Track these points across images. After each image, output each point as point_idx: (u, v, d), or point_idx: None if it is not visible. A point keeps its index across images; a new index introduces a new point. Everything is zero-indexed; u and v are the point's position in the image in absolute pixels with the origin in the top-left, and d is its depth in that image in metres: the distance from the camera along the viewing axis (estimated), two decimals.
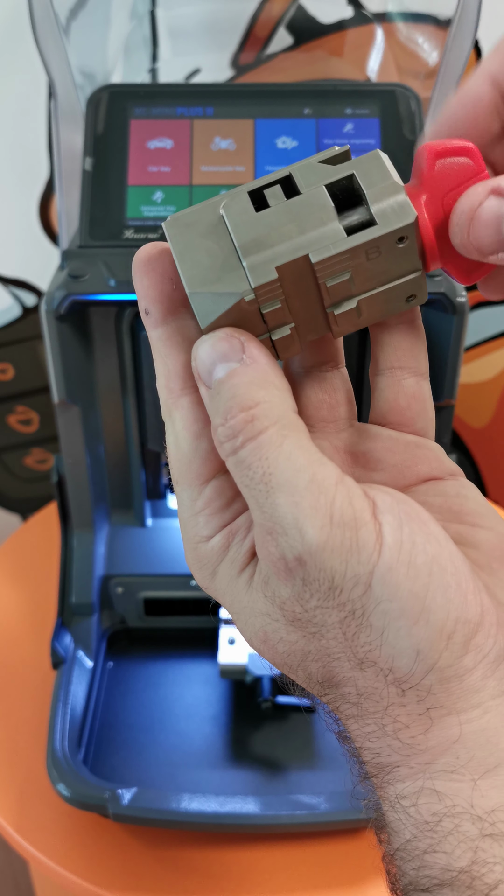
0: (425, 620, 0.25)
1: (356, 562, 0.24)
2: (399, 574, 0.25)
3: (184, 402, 0.28)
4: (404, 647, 0.25)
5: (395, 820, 0.26)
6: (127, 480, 0.75)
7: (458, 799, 0.25)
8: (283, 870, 0.59)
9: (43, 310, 0.60)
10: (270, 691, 0.66)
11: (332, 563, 0.24)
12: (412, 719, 0.26)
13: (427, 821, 0.25)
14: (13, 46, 0.80)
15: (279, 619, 0.26)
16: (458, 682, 0.25)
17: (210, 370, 0.26)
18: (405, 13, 0.74)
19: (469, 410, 1.03)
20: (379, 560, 0.25)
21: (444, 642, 0.25)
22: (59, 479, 0.71)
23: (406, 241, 0.27)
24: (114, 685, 0.73)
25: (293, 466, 0.25)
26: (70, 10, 0.65)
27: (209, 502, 0.28)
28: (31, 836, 0.61)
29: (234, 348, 0.26)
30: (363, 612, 0.25)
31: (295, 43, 0.81)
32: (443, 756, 0.25)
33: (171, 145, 0.63)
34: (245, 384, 0.26)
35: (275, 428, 0.25)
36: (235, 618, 0.28)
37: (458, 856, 0.24)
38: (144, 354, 0.65)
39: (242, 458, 0.25)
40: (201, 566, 0.28)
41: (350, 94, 0.64)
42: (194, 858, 0.60)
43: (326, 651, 0.26)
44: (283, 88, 0.65)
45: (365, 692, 0.26)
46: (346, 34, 0.79)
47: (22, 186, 0.88)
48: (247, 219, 0.27)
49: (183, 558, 0.79)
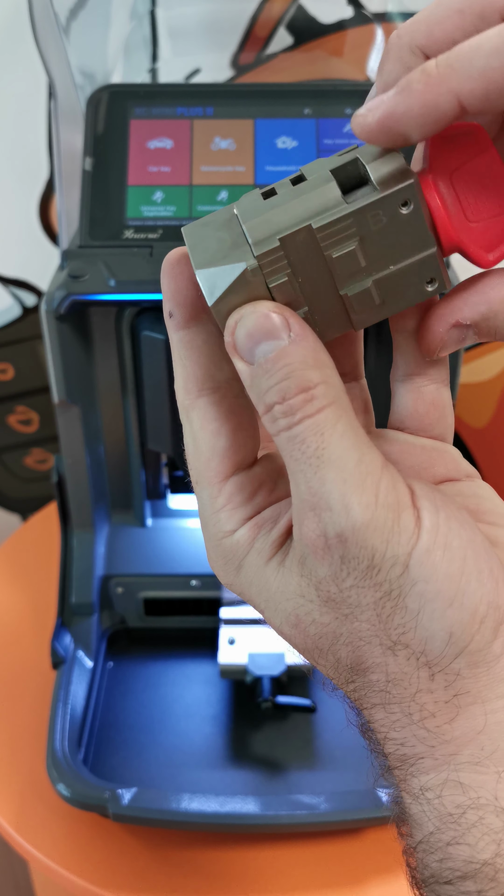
0: (459, 603, 0.25)
1: (396, 542, 0.25)
2: (436, 556, 0.25)
3: (201, 402, 0.28)
4: (437, 629, 0.25)
5: (418, 812, 0.26)
6: (127, 480, 0.75)
7: (482, 791, 0.25)
8: (282, 870, 0.59)
9: (43, 310, 0.60)
10: (270, 691, 0.66)
11: (373, 542, 0.25)
12: (439, 707, 0.26)
13: (451, 813, 0.25)
14: (13, 46, 0.80)
15: (314, 600, 0.27)
16: (486, 669, 0.25)
17: (252, 347, 0.26)
18: (405, 13, 0.74)
19: (469, 410, 1.03)
20: (418, 542, 0.25)
21: (476, 625, 0.25)
22: (59, 479, 0.71)
23: (410, 206, 0.26)
24: (114, 685, 0.73)
25: (345, 445, 0.25)
26: (70, 10, 0.65)
27: (230, 498, 0.28)
28: (31, 836, 0.61)
29: (280, 325, 0.26)
30: (400, 592, 0.25)
31: (295, 43, 0.81)
32: (467, 747, 0.25)
33: (171, 145, 0.63)
34: (299, 363, 0.25)
35: (332, 407, 0.25)
36: (263, 606, 0.28)
37: (481, 848, 0.24)
38: (144, 354, 0.65)
39: (297, 434, 0.25)
40: (226, 561, 0.29)
41: (350, 94, 0.64)
42: (194, 858, 0.60)
43: (358, 634, 0.26)
44: (283, 88, 0.65)
45: (394, 677, 0.26)
46: (346, 34, 0.79)
47: (22, 186, 0.88)
48: (255, 205, 0.27)
49: (183, 558, 0.80)
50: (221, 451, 0.28)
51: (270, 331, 0.26)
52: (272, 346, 0.26)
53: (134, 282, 0.58)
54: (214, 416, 0.28)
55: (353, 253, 0.27)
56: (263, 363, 0.26)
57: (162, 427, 0.69)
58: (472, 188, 0.27)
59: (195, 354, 0.28)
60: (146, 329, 0.64)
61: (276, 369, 0.25)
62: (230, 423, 0.28)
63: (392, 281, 0.28)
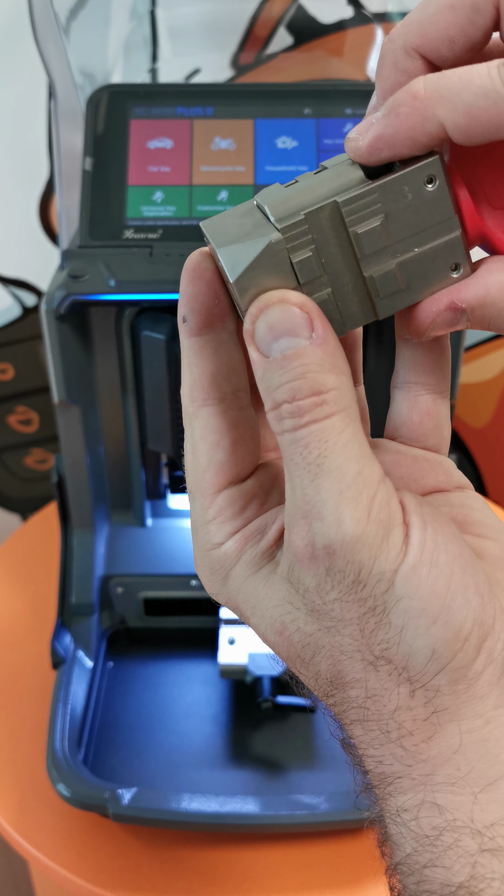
0: (444, 620, 0.25)
1: (384, 559, 0.25)
2: (421, 573, 0.25)
3: (204, 412, 0.28)
4: (421, 645, 0.25)
5: (396, 833, 0.26)
6: (127, 480, 0.75)
7: (458, 813, 0.25)
8: (283, 870, 0.59)
9: (43, 310, 0.60)
10: (270, 691, 0.66)
11: (360, 557, 0.25)
12: (417, 725, 0.26)
13: (427, 835, 0.25)
14: (13, 46, 0.80)
15: (300, 608, 0.26)
16: (467, 686, 0.25)
17: (271, 340, 0.25)
18: (405, 13, 0.74)
19: (469, 410, 1.03)
20: (405, 559, 0.25)
21: (460, 643, 0.25)
22: (59, 479, 0.71)
23: (435, 184, 0.26)
24: (114, 685, 0.73)
25: (346, 455, 0.25)
26: (70, 10, 0.65)
27: (221, 511, 0.28)
28: (31, 836, 0.61)
29: (303, 323, 0.25)
30: (384, 608, 0.25)
31: (295, 43, 0.81)
32: (444, 767, 0.25)
33: (171, 145, 0.63)
34: (316, 366, 0.25)
35: (340, 415, 0.25)
36: (249, 613, 0.28)
37: (457, 871, 0.24)
38: (144, 354, 0.65)
39: (301, 437, 0.25)
40: (213, 571, 0.29)
41: (350, 94, 0.64)
42: (194, 858, 0.60)
43: (340, 647, 0.26)
44: (283, 88, 0.65)
45: (374, 693, 0.26)
46: (346, 34, 0.79)
47: (22, 186, 0.88)
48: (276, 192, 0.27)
49: (183, 558, 0.80)
50: (217, 464, 0.28)
51: (293, 328, 0.25)
52: (292, 344, 0.25)
53: (134, 282, 0.58)
54: (215, 427, 0.28)
55: (377, 230, 0.26)
56: (280, 359, 0.25)
57: (162, 427, 0.69)
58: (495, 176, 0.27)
59: (204, 363, 0.28)
60: (146, 329, 0.64)
61: (291, 367, 0.25)
62: (230, 436, 0.28)
63: (417, 264, 0.27)
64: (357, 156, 0.26)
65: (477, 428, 1.04)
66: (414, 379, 0.31)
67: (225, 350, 0.28)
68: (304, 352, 0.25)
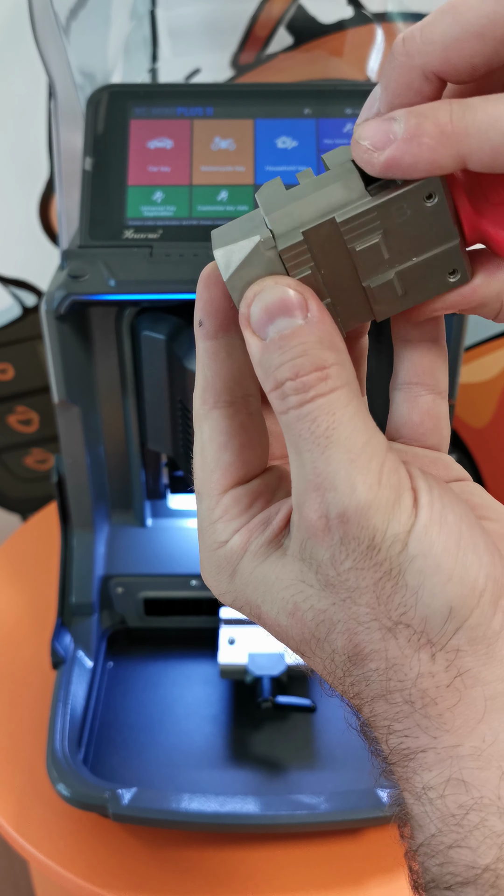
0: (459, 577, 0.25)
1: (397, 521, 0.25)
2: (433, 532, 0.25)
3: (214, 414, 0.29)
4: (438, 604, 0.25)
5: (420, 813, 0.26)
6: (127, 480, 0.75)
7: (485, 790, 0.24)
8: (283, 870, 0.59)
9: (43, 310, 0.60)
10: (270, 691, 0.66)
11: (375, 521, 0.25)
12: (440, 692, 0.26)
13: (453, 814, 0.25)
14: (13, 46, 0.80)
15: (314, 584, 0.27)
16: (486, 646, 0.25)
17: (267, 322, 0.26)
18: (405, 13, 0.74)
19: (469, 410, 1.03)
20: (416, 519, 0.25)
21: (475, 599, 0.25)
22: (59, 479, 0.71)
23: (434, 199, 0.26)
24: (114, 685, 0.73)
25: (354, 426, 0.25)
26: (70, 10, 0.65)
27: (227, 510, 0.29)
28: (31, 836, 0.61)
29: (298, 303, 0.26)
30: (399, 570, 0.25)
31: (295, 43, 0.81)
32: (469, 738, 0.25)
33: (171, 145, 0.63)
34: (315, 343, 0.25)
35: (344, 389, 0.26)
36: (260, 601, 0.28)
37: (482, 852, 0.24)
38: (144, 354, 0.65)
39: (308, 412, 0.25)
40: (220, 570, 0.29)
41: (350, 94, 0.64)
42: (194, 858, 0.60)
43: (356, 619, 0.26)
44: (283, 88, 0.65)
45: (394, 662, 0.26)
46: (346, 34, 0.79)
47: (22, 186, 0.88)
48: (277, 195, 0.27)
49: (183, 558, 0.80)
50: (225, 465, 0.29)
51: (288, 307, 0.26)
52: (288, 324, 0.26)
53: (134, 282, 0.58)
54: (225, 429, 0.28)
55: (376, 246, 0.27)
56: (277, 339, 0.26)
57: (162, 427, 0.69)
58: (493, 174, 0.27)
59: (217, 366, 0.28)
60: (146, 329, 0.64)
61: (290, 346, 0.25)
62: (239, 438, 0.29)
63: (415, 272, 0.28)
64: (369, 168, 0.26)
65: (477, 428, 1.04)
66: (413, 380, 0.31)
67: (238, 354, 0.28)
68: (302, 330, 0.25)
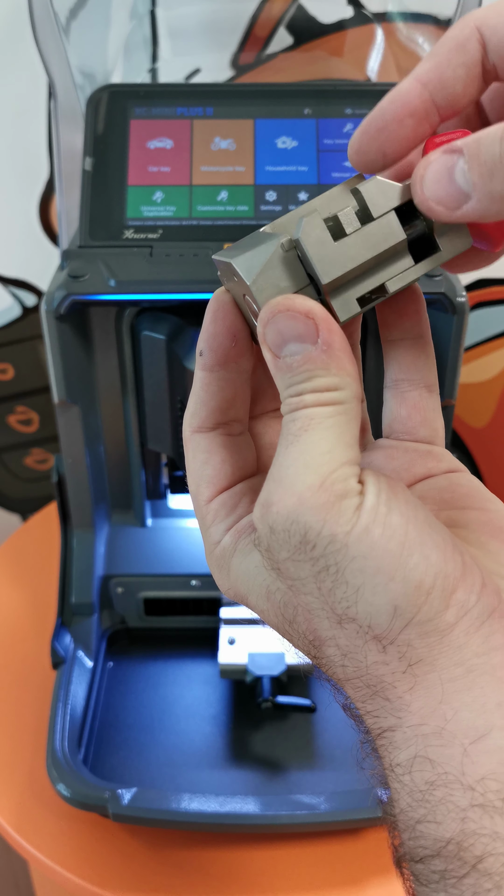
0: (402, 576, 0.26)
1: (334, 522, 0.26)
2: (374, 533, 0.26)
3: (197, 436, 0.31)
4: (382, 603, 0.26)
5: (393, 789, 0.27)
6: (127, 480, 0.75)
7: (448, 766, 0.25)
8: (282, 870, 0.59)
9: (43, 310, 0.60)
10: (270, 691, 0.66)
11: (305, 519, 0.26)
12: (396, 677, 0.26)
13: (421, 789, 0.25)
14: (13, 46, 0.80)
15: (270, 569, 0.28)
16: (439, 638, 0.26)
17: (280, 345, 0.27)
18: (405, 13, 0.74)
19: (469, 410, 1.03)
20: (357, 522, 0.26)
21: (422, 597, 0.26)
22: (59, 479, 0.71)
23: None
24: (114, 685, 0.73)
25: (324, 436, 0.27)
26: (70, 10, 0.65)
27: (216, 514, 0.31)
28: (31, 836, 0.61)
29: (309, 330, 0.27)
30: (338, 568, 0.26)
31: (295, 43, 0.81)
32: (432, 718, 0.26)
33: (171, 145, 0.63)
34: (322, 370, 0.27)
35: (335, 406, 0.27)
36: (246, 591, 0.30)
37: (447, 826, 0.25)
38: (144, 354, 0.65)
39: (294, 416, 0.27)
40: (219, 567, 0.31)
41: (350, 94, 0.64)
42: (194, 858, 0.60)
43: (307, 606, 0.27)
44: (283, 88, 0.65)
45: (347, 651, 0.27)
46: (346, 34, 0.79)
47: (22, 186, 0.88)
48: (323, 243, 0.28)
49: (183, 558, 0.80)
50: (207, 479, 0.31)
51: (300, 335, 0.27)
52: (300, 349, 0.27)
53: (134, 282, 0.58)
54: (205, 448, 0.31)
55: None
56: (289, 362, 0.27)
57: (162, 427, 0.69)
58: None
59: (208, 396, 0.30)
60: (146, 329, 0.64)
61: (299, 370, 0.27)
62: (219, 455, 0.31)
63: None
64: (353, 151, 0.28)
65: (477, 428, 1.04)
66: (400, 376, 0.33)
67: (230, 387, 0.31)
68: (311, 357, 0.27)
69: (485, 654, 0.26)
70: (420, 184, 0.27)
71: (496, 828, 0.24)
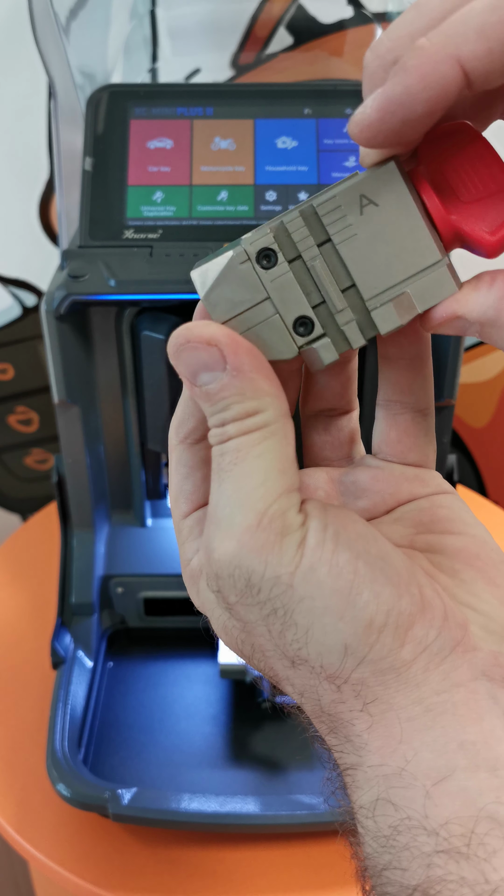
0: (351, 616, 0.25)
1: (277, 563, 0.25)
2: (321, 573, 0.25)
3: (181, 448, 0.30)
4: (332, 643, 0.25)
5: (360, 833, 0.26)
6: (127, 480, 0.75)
7: (411, 810, 0.24)
8: (283, 870, 0.59)
9: (43, 310, 0.60)
10: (270, 691, 0.66)
11: (249, 563, 0.25)
12: (354, 715, 0.26)
13: (384, 835, 0.25)
14: (13, 46, 0.80)
15: (224, 608, 0.28)
16: (396, 675, 0.25)
17: (193, 375, 0.27)
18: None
19: (469, 410, 1.03)
20: (301, 561, 0.25)
21: (374, 635, 0.25)
22: (59, 479, 0.71)
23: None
24: (114, 685, 0.73)
25: (255, 466, 0.26)
26: (70, 10, 0.65)
27: (190, 531, 0.30)
28: (31, 836, 0.61)
29: (215, 358, 0.26)
30: (285, 610, 0.25)
31: (295, 43, 0.81)
32: (392, 758, 0.25)
33: (171, 145, 0.63)
34: (237, 396, 0.26)
35: (259, 431, 0.26)
36: (210, 618, 0.30)
37: (412, 873, 0.24)
38: (144, 354, 0.65)
39: (222, 450, 0.27)
40: (191, 583, 0.30)
41: (350, 94, 0.64)
42: (194, 858, 0.60)
43: (261, 648, 0.27)
44: (283, 88, 0.65)
45: (303, 690, 0.27)
46: (346, 34, 0.79)
47: (22, 186, 0.88)
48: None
49: None
50: (186, 494, 0.30)
51: (207, 364, 0.26)
52: (211, 378, 0.26)
53: (134, 282, 0.58)
54: (187, 461, 0.30)
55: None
56: (204, 393, 0.27)
57: (162, 427, 0.69)
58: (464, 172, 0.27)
59: (193, 407, 0.29)
60: (146, 329, 0.64)
61: (216, 399, 0.26)
62: (201, 471, 0.30)
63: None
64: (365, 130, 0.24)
65: (477, 428, 1.04)
66: (393, 397, 0.31)
67: None
68: (224, 386, 0.26)
69: (445, 692, 0.25)
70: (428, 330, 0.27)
71: (463, 873, 0.23)
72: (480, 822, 0.23)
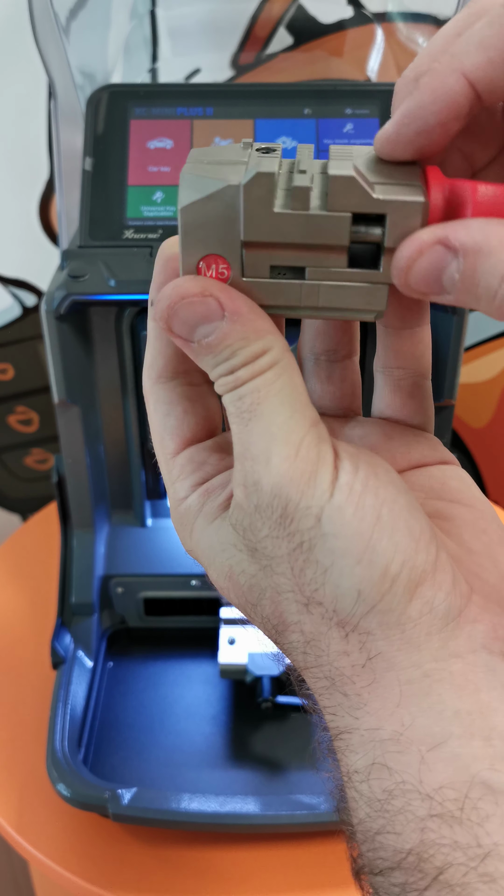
0: (368, 560, 0.25)
1: (311, 495, 0.26)
2: (346, 513, 0.25)
3: (157, 388, 0.30)
4: (347, 586, 0.25)
5: (351, 798, 0.26)
6: (127, 480, 0.75)
7: (406, 774, 0.24)
8: (283, 870, 0.59)
9: (43, 310, 0.60)
10: (270, 691, 0.66)
11: (287, 492, 0.26)
12: (356, 671, 0.26)
13: (379, 798, 0.25)
14: (13, 46, 0.80)
15: (242, 549, 0.28)
16: (400, 632, 0.25)
17: (189, 332, 0.27)
18: (405, 13, 0.74)
19: (469, 410, 1.03)
20: (331, 497, 0.26)
21: (387, 584, 0.25)
22: (59, 479, 0.71)
23: None
24: (114, 685, 0.73)
25: (277, 402, 0.26)
26: (70, 10, 0.65)
27: (182, 468, 0.30)
28: (31, 836, 0.61)
29: (212, 308, 0.26)
30: (310, 545, 0.26)
31: (295, 43, 0.81)
32: (388, 721, 0.25)
33: (171, 145, 0.63)
34: (240, 340, 0.26)
35: (272, 369, 0.27)
36: (207, 563, 0.30)
37: (406, 836, 0.24)
38: (144, 354, 0.65)
39: (238, 394, 0.27)
40: (182, 526, 0.30)
41: (350, 94, 0.64)
42: (194, 858, 0.60)
43: (277, 588, 0.27)
44: (283, 88, 0.65)
45: (311, 637, 0.27)
46: (346, 34, 0.79)
47: (22, 186, 0.88)
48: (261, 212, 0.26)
49: (183, 558, 0.80)
50: (171, 430, 0.30)
51: (205, 315, 0.26)
52: (210, 329, 0.26)
53: (134, 282, 0.58)
54: (165, 399, 0.30)
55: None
56: (205, 345, 0.27)
57: None
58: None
59: (162, 346, 0.29)
60: (146, 329, 0.64)
61: (220, 349, 0.26)
62: (181, 405, 0.30)
63: None
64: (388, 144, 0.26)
65: (477, 428, 1.04)
66: (395, 363, 0.32)
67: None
68: (225, 333, 0.26)
69: (443, 660, 0.25)
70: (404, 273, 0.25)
71: (456, 837, 0.23)
72: (474, 787, 0.24)
